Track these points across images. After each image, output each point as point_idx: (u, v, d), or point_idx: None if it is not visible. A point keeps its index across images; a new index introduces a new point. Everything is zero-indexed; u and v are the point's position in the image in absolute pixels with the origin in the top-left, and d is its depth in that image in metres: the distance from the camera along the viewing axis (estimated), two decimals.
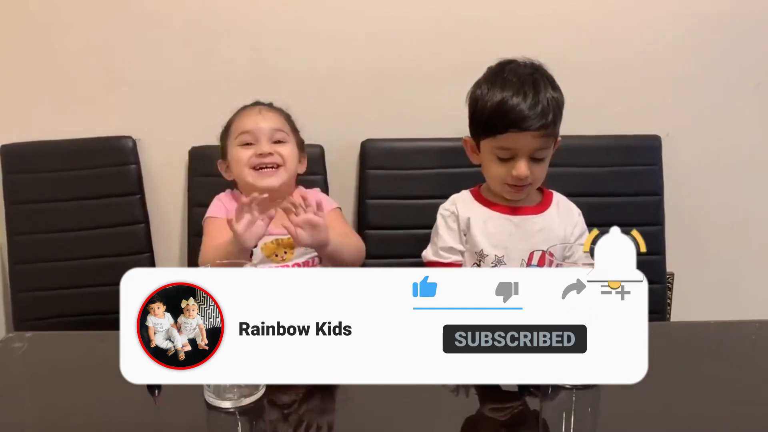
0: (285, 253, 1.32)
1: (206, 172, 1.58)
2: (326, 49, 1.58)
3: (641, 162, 1.62)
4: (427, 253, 1.35)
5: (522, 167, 1.21)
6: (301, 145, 1.43)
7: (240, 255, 1.17)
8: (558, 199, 1.35)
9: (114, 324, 1.60)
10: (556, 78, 1.25)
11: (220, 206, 1.38)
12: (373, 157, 1.59)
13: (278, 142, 1.36)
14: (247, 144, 1.35)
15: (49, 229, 1.60)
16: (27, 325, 1.61)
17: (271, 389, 0.94)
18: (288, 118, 1.42)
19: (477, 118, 1.25)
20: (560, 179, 1.38)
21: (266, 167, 1.33)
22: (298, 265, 1.32)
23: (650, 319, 0.96)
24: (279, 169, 1.35)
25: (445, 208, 1.34)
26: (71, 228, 1.60)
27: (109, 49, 1.58)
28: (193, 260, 1.60)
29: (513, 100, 1.19)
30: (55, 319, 1.61)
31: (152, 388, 1.00)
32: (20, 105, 1.61)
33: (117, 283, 1.62)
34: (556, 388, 0.90)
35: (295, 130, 1.43)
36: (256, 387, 0.93)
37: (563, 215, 1.32)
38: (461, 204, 1.32)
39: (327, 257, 1.29)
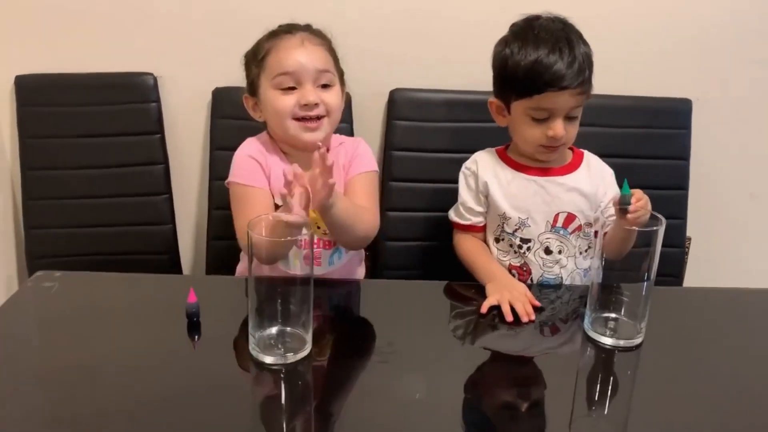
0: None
1: (229, 115, 1.54)
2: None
3: (670, 125, 1.60)
4: (451, 213, 1.34)
5: (559, 127, 1.18)
6: (341, 78, 1.25)
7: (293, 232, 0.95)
8: (589, 158, 1.32)
9: (126, 265, 1.62)
10: (587, 35, 1.21)
11: (252, 168, 1.19)
12: (401, 107, 1.56)
13: (324, 86, 1.18)
14: (288, 88, 1.16)
15: (64, 166, 1.56)
16: (40, 263, 1.58)
17: (318, 347, 0.94)
18: (331, 47, 1.22)
19: (509, 79, 1.21)
20: (586, 139, 1.35)
21: (309, 119, 1.17)
22: None
23: (666, 283, 0.99)
24: (322, 121, 1.18)
25: (467, 166, 1.31)
26: (87, 165, 1.56)
27: None
28: (213, 204, 1.57)
29: (549, 58, 1.15)
30: (67, 257, 1.58)
31: (192, 315, 0.99)
32: (37, 35, 1.54)
33: (132, 224, 1.64)
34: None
35: (337, 61, 1.23)
36: (303, 344, 0.93)
37: (594, 175, 1.29)
38: (482, 164, 1.29)
39: (330, 223, 1.11)
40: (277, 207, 1.17)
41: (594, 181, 1.28)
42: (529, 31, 1.20)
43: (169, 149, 1.60)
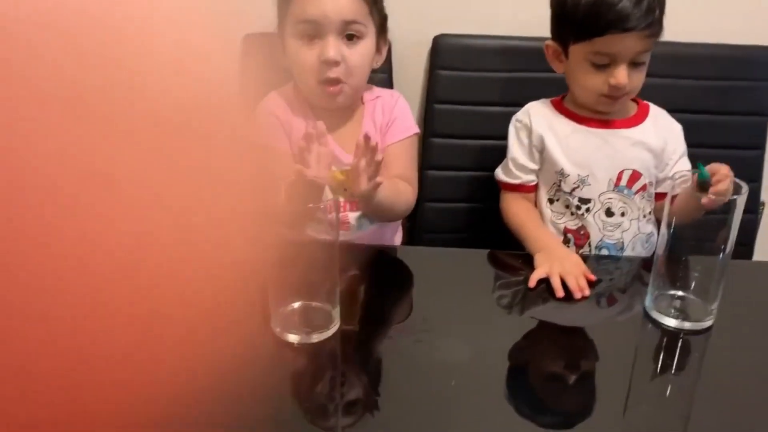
0: None
1: (261, 63, 1.43)
2: None
3: (747, 76, 1.43)
4: (499, 171, 1.22)
5: (622, 74, 1.05)
6: (382, 26, 1.13)
7: (313, 192, 0.96)
8: (656, 112, 1.19)
9: None
10: None
11: (270, 125, 1.13)
12: (446, 55, 1.42)
13: (351, 36, 1.07)
14: (309, 38, 1.06)
15: None
16: None
17: (346, 324, 0.85)
18: None
19: (567, 19, 1.08)
20: (650, 92, 1.20)
21: (329, 82, 1.06)
22: None
23: (736, 254, 0.86)
24: (342, 86, 1.07)
25: (518, 118, 1.19)
26: None
27: None
28: None
29: None
30: None
31: None
32: None
33: None
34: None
35: (377, 6, 1.11)
36: (329, 321, 0.84)
37: (661, 129, 1.17)
38: (536, 116, 1.17)
39: (366, 207, 1.09)
40: None
41: (661, 136, 1.16)
42: None
43: None
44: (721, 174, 0.88)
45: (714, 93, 1.42)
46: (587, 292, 0.94)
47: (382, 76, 1.45)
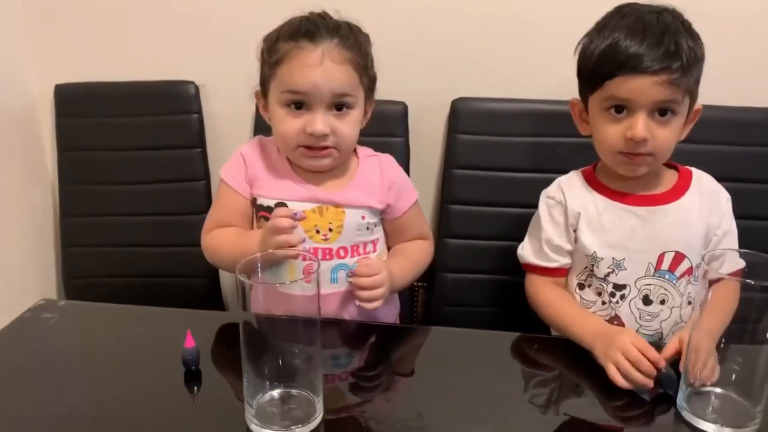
0: (330, 230, 1.05)
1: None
2: None
3: None
4: (526, 252, 1.09)
5: (639, 124, 0.93)
6: (371, 87, 1.08)
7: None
8: (700, 178, 1.06)
9: (165, 288, 1.51)
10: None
11: (237, 170, 1.08)
12: (465, 119, 1.36)
13: (340, 107, 1.01)
14: (296, 106, 1.00)
15: (101, 181, 1.47)
16: (75, 284, 1.51)
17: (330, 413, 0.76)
18: (359, 60, 1.03)
19: (585, 68, 1.00)
20: (694, 158, 1.09)
21: (315, 148, 1.02)
22: (345, 250, 1.06)
23: None
24: (330, 151, 1.03)
25: (550, 195, 1.07)
26: (125, 181, 1.46)
27: None
28: None
29: (627, 40, 0.93)
30: (104, 278, 1.50)
31: (189, 363, 0.84)
32: (76, 43, 1.46)
33: (172, 245, 1.52)
34: None
35: (367, 72, 1.05)
36: (312, 411, 0.74)
37: (707, 201, 1.03)
38: (569, 191, 1.05)
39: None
40: (259, 210, 1.07)
41: (707, 207, 1.03)
42: (615, 15, 0.98)
43: (211, 164, 1.48)
44: (701, 362, 0.78)
45: (759, 160, 1.31)
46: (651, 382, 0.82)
47: (400, 140, 1.39)
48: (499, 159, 1.35)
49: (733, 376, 0.78)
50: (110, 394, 0.83)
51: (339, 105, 1.01)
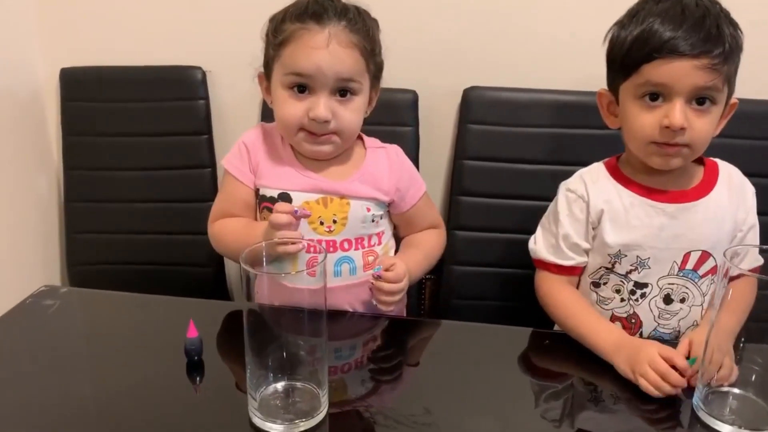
0: (334, 222, 1.02)
1: None
2: None
3: None
4: (538, 247, 1.03)
5: (676, 111, 0.88)
6: (376, 77, 1.05)
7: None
8: (728, 171, 1.00)
9: (169, 276, 1.49)
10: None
11: (239, 159, 1.06)
12: (477, 108, 1.33)
13: (344, 92, 0.99)
14: (300, 88, 0.98)
15: (106, 167, 1.45)
16: (79, 270, 1.49)
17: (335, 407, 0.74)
18: (366, 44, 1.00)
19: (616, 56, 0.94)
20: (728, 153, 1.04)
21: (317, 134, 0.99)
22: (349, 242, 1.03)
23: None
24: (332, 137, 1.00)
25: (571, 188, 1.01)
26: (129, 167, 1.44)
27: None
28: None
29: (664, 24, 0.88)
30: (108, 265, 1.48)
31: (192, 353, 0.82)
32: (82, 26, 1.44)
33: (177, 232, 1.50)
34: None
35: (374, 57, 1.02)
36: (316, 405, 0.72)
37: (735, 195, 0.98)
38: (593, 185, 0.99)
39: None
40: (262, 200, 1.04)
41: (735, 202, 0.98)
42: (648, 2, 0.93)
43: (218, 151, 1.45)
44: (715, 363, 0.76)
45: None
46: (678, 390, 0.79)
47: (410, 130, 1.36)
48: (510, 150, 1.32)
49: (753, 377, 0.76)
50: (111, 383, 0.81)
51: (343, 90, 0.98)
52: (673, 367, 0.79)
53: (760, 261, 0.94)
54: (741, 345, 0.76)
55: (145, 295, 1.00)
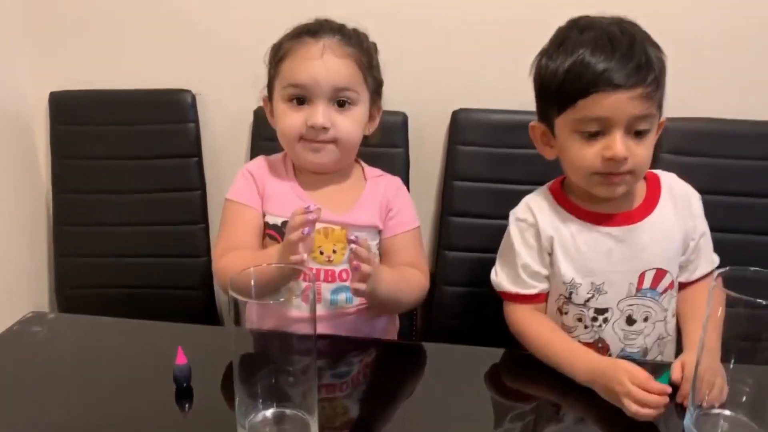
0: (334, 252, 1.02)
1: (274, 137, 1.36)
2: None
3: None
4: (500, 280, 1.02)
5: (617, 143, 0.87)
6: (376, 92, 1.08)
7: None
8: (669, 183, 1.01)
9: (159, 300, 1.48)
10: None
11: (246, 185, 1.07)
12: (466, 130, 1.34)
13: (342, 103, 1.02)
14: (298, 101, 1.02)
15: (95, 190, 1.44)
16: (67, 295, 1.48)
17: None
18: (362, 57, 1.04)
19: (548, 90, 0.93)
20: (691, 172, 1.06)
21: (316, 141, 1.02)
22: (347, 272, 1.02)
23: None
24: (329, 146, 1.02)
25: (520, 217, 1.01)
26: (120, 190, 1.44)
27: None
28: None
29: (595, 56, 0.87)
30: (97, 289, 1.47)
31: (181, 379, 0.81)
32: (73, 50, 1.44)
33: (166, 255, 1.49)
34: None
35: (371, 71, 1.06)
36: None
37: (680, 207, 0.99)
38: (540, 212, 0.99)
39: (374, 304, 1.03)
40: (266, 228, 1.05)
41: (681, 213, 0.98)
42: (572, 29, 0.93)
43: (207, 174, 1.45)
44: (707, 384, 0.75)
45: (754, 172, 1.28)
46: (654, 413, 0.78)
47: (399, 151, 1.37)
48: (500, 171, 1.33)
49: (744, 398, 0.75)
50: (98, 411, 0.80)
51: (341, 101, 1.01)
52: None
53: (716, 262, 0.96)
54: (731, 365, 0.76)
55: (133, 320, 1.00)
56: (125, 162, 1.43)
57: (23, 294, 1.49)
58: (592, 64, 0.87)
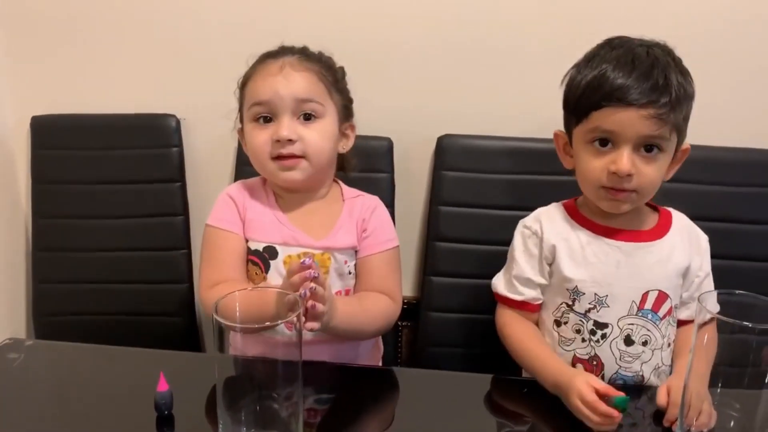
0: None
1: None
2: (401, 25, 1.33)
3: None
4: (498, 283, 1.07)
5: (623, 158, 0.91)
6: (346, 108, 1.09)
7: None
8: (680, 220, 1.05)
9: (140, 326, 1.45)
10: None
11: (228, 211, 1.06)
12: (451, 155, 1.34)
13: (308, 116, 1.01)
14: (264, 119, 1.01)
15: (76, 215, 1.42)
16: (46, 321, 1.45)
17: None
18: (325, 72, 1.05)
19: (569, 100, 0.98)
20: (677, 198, 1.09)
21: (284, 157, 1.00)
22: None
23: None
24: (300, 161, 1.01)
25: (527, 225, 1.05)
26: (101, 215, 1.42)
27: (152, 11, 1.38)
28: None
29: (615, 72, 0.91)
30: (77, 316, 1.44)
31: (162, 407, 0.80)
32: (54, 74, 1.43)
33: (148, 281, 1.47)
34: None
35: (337, 87, 1.07)
36: None
37: (687, 242, 1.02)
38: (548, 222, 1.03)
39: (331, 335, 0.98)
40: (248, 253, 1.04)
41: (688, 250, 1.02)
42: (605, 46, 0.97)
43: (191, 199, 1.44)
44: (695, 409, 0.76)
45: (744, 199, 1.30)
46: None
47: (385, 176, 1.37)
48: (485, 196, 1.33)
49: (732, 423, 0.75)
50: None
51: (306, 114, 1.02)
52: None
53: (717, 308, 0.97)
54: (719, 390, 0.76)
55: (113, 347, 0.98)
56: (108, 186, 1.41)
57: (0, 320, 1.46)
58: (610, 79, 0.91)
